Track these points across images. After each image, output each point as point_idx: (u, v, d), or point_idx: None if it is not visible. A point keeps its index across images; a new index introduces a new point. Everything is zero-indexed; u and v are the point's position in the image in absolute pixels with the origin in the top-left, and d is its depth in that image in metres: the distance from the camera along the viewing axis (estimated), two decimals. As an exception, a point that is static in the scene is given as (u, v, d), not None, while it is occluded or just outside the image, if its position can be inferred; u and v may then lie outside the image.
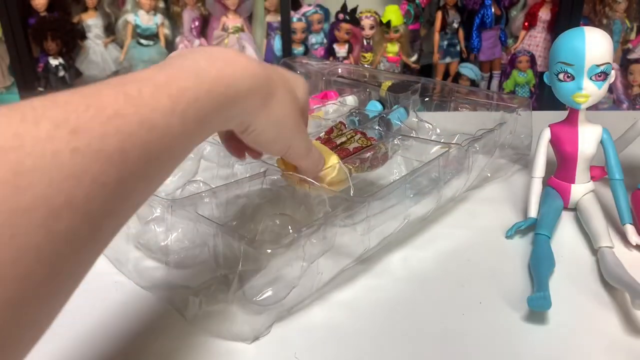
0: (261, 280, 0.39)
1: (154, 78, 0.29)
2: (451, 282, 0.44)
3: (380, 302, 0.42)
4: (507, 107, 0.63)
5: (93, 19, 1.88)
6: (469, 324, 0.40)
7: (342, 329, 0.39)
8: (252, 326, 0.38)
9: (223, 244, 0.38)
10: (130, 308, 0.42)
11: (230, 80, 0.33)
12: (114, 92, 0.27)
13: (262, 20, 1.94)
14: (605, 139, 0.52)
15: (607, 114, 1.34)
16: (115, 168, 0.25)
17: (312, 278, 0.41)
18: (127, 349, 0.38)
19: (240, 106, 0.35)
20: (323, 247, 0.40)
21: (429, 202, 0.51)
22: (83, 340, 0.39)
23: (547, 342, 0.38)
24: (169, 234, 0.43)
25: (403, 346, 0.38)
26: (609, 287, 0.43)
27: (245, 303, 0.39)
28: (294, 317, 0.41)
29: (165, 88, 0.29)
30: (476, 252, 0.49)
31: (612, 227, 0.51)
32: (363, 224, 0.42)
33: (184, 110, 0.30)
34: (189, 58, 0.33)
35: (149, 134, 0.27)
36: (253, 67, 0.35)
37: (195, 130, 0.31)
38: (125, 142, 0.26)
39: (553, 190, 0.54)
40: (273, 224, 0.40)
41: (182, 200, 0.43)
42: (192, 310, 0.40)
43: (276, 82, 0.37)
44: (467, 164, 0.54)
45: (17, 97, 1.85)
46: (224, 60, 0.34)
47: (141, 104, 0.27)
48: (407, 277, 0.45)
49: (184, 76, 0.31)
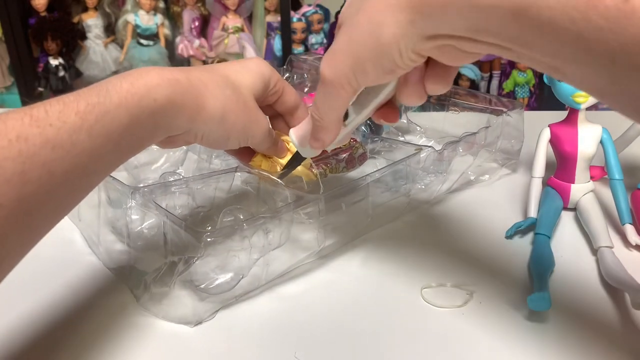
0: (207, 268, 0.40)
1: (64, 98, 0.31)
2: (440, 282, 0.44)
3: (333, 298, 0.43)
4: (496, 111, 0.63)
5: (93, 19, 1.88)
6: (469, 324, 0.40)
7: (286, 321, 0.40)
8: (195, 311, 0.40)
9: (172, 231, 0.39)
10: (90, 285, 0.44)
11: (143, 92, 0.33)
12: (20, 115, 0.28)
13: (262, 20, 1.94)
14: (605, 139, 0.52)
15: (607, 114, 1.33)
16: (14, 190, 0.27)
17: (262, 269, 0.42)
18: (78, 323, 0.40)
19: (163, 115, 0.35)
20: (274, 240, 0.41)
21: (398, 202, 0.52)
22: (38, 312, 0.41)
23: (547, 342, 0.38)
24: (143, 221, 0.45)
25: (344, 344, 0.38)
26: (609, 287, 0.43)
27: (192, 289, 0.41)
28: (239, 306, 0.42)
29: (72, 105, 0.30)
30: (476, 252, 0.49)
31: (612, 227, 0.51)
32: (318, 220, 0.43)
33: (91, 127, 0.30)
34: (103, 80, 0.34)
35: (52, 152, 0.28)
36: (170, 75, 0.35)
37: (108, 145, 0.32)
38: (25, 164, 0.27)
39: (553, 190, 0.54)
40: (232, 217, 0.42)
41: (145, 188, 0.44)
42: (141, 292, 0.41)
43: (205, 84, 0.37)
44: (444, 167, 0.54)
45: (17, 97, 1.84)
46: (137, 74, 0.34)
47: (46, 124, 0.29)
48: (369, 274, 0.46)
49: (93, 93, 0.32)
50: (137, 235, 0.44)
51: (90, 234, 0.49)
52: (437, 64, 0.30)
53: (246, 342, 0.38)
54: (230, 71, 0.41)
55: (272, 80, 0.43)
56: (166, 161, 0.58)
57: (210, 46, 1.91)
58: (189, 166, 0.59)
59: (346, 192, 0.46)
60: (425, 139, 0.70)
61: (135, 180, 0.56)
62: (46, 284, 0.44)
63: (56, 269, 0.45)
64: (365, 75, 0.30)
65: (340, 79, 0.31)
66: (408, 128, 0.72)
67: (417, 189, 0.54)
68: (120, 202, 0.44)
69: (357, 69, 0.30)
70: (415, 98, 0.32)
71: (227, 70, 0.41)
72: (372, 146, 0.60)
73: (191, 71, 0.38)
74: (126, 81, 0.33)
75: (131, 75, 0.34)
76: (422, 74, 0.31)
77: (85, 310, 0.41)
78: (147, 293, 0.41)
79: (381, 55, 0.28)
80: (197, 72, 0.38)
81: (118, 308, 0.41)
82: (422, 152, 0.52)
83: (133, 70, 0.35)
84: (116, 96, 0.32)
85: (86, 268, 0.46)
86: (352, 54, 0.29)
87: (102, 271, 0.46)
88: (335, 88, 0.31)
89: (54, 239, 0.34)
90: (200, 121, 0.37)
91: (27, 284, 0.43)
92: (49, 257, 0.46)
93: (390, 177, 0.51)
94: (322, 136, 0.36)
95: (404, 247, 0.49)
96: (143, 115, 0.33)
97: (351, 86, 0.31)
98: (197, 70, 0.38)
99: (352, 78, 0.30)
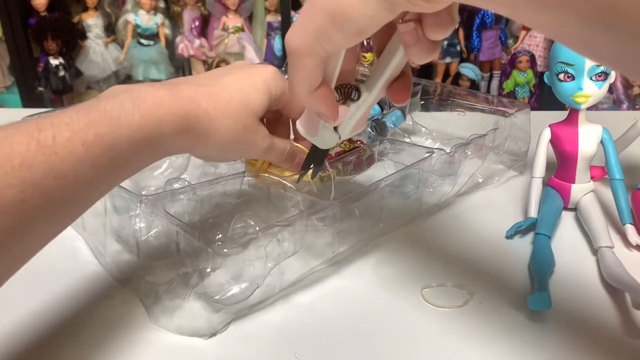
0: (222, 279, 0.39)
1: (74, 123, 0.30)
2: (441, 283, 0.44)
3: (347, 305, 0.42)
4: (503, 112, 0.62)
5: (93, 19, 1.88)
6: (469, 324, 0.40)
7: (300, 329, 0.39)
8: (209, 323, 0.39)
9: (184, 241, 0.38)
10: (97, 297, 0.43)
11: (155, 126, 0.33)
12: (27, 139, 0.28)
13: (262, 20, 1.94)
14: (605, 139, 0.52)
15: (607, 114, 1.34)
16: (11, 217, 0.27)
17: (277, 278, 0.41)
18: (84, 336, 0.39)
19: (166, 146, 0.35)
20: (289, 248, 0.40)
21: (409, 206, 0.51)
22: (43, 325, 0.40)
23: (547, 342, 0.38)
24: (150, 229, 0.44)
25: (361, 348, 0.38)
26: (609, 287, 0.43)
27: (206, 300, 0.40)
28: (253, 316, 0.41)
29: (81, 134, 0.30)
30: (476, 252, 0.49)
31: (612, 227, 0.51)
32: (333, 226, 0.42)
33: (96, 159, 0.30)
34: (117, 100, 0.33)
35: (54, 182, 0.28)
36: (179, 110, 0.35)
37: (108, 176, 0.32)
38: (25, 193, 0.27)
39: (553, 190, 0.54)
40: (243, 224, 0.41)
41: (154, 196, 0.43)
42: (153, 304, 0.40)
43: (210, 118, 0.37)
44: (454, 169, 0.53)
45: (17, 97, 1.85)
46: (150, 102, 0.33)
47: (52, 153, 0.28)
48: (382, 280, 0.45)
49: (105, 122, 0.31)
50: (144, 244, 0.43)
51: (95, 244, 0.48)
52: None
53: (262, 352, 0.37)
54: (235, 90, 0.39)
55: (279, 91, 0.42)
56: (169, 167, 0.57)
57: (210, 46, 1.91)
58: (193, 172, 0.58)
59: (360, 197, 0.45)
60: (431, 141, 0.70)
61: (137, 187, 0.55)
62: (52, 294, 0.42)
63: (61, 280, 0.44)
64: (331, 41, 0.29)
65: (305, 48, 0.29)
66: (413, 129, 0.72)
67: (426, 192, 0.53)
68: (125, 209, 0.44)
69: (320, 36, 0.29)
70: (426, 53, 0.30)
71: (233, 88, 0.39)
72: (378, 148, 0.59)
73: (201, 101, 0.37)
74: (139, 112, 0.33)
75: (144, 104, 0.33)
76: (419, 28, 0.29)
77: (92, 324, 0.40)
78: (159, 305, 0.40)
79: (344, 21, 0.27)
80: (204, 103, 0.37)
81: (127, 321, 0.40)
82: (434, 155, 0.51)
83: (147, 93, 0.34)
84: (126, 128, 0.32)
85: (92, 279, 0.45)
86: (315, 21, 0.28)
87: (108, 282, 0.44)
88: (300, 57, 0.30)
89: (59, 249, 0.34)
90: (197, 150, 0.38)
91: (31, 295, 0.42)
92: (53, 268, 0.45)
93: (402, 181, 0.50)
94: (321, 110, 0.34)
95: (409, 251, 0.49)
96: (148, 147, 0.34)
97: (317, 54, 0.30)
98: (205, 98, 0.37)
99: (317, 45, 0.29)
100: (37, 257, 0.31)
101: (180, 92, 0.36)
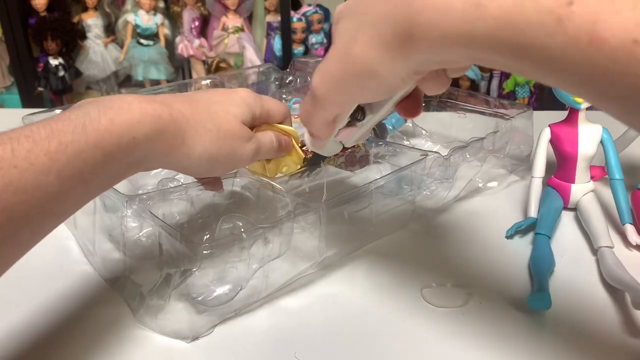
0: (205, 280, 0.39)
1: (35, 134, 0.28)
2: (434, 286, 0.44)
3: (341, 307, 0.42)
4: (503, 115, 0.61)
5: (93, 19, 1.88)
6: (469, 324, 0.40)
7: (286, 336, 0.39)
8: (192, 325, 0.38)
9: (167, 242, 0.38)
10: (85, 296, 0.43)
11: (123, 129, 0.32)
12: None
13: (262, 20, 1.94)
14: (605, 139, 0.52)
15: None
16: None
17: (262, 281, 0.40)
18: (71, 335, 0.39)
19: (141, 151, 0.33)
20: (275, 250, 0.40)
21: (403, 210, 0.51)
22: (31, 323, 0.39)
23: (547, 342, 0.38)
24: (141, 229, 0.44)
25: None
26: (609, 287, 0.43)
27: (189, 301, 0.39)
28: (238, 320, 0.40)
29: (43, 144, 0.28)
30: (476, 252, 0.49)
31: (612, 227, 0.51)
32: (319, 229, 0.42)
33: (61, 169, 0.28)
34: (82, 109, 0.32)
35: (13, 197, 0.27)
36: (152, 111, 0.34)
37: (77, 186, 0.30)
38: None
39: (553, 190, 0.54)
40: (231, 225, 0.41)
41: (140, 197, 0.43)
42: (137, 304, 0.40)
43: (186, 118, 0.36)
44: (450, 173, 0.52)
45: (17, 97, 1.84)
46: (118, 107, 0.32)
47: (10, 166, 0.27)
48: (374, 284, 0.44)
49: (68, 129, 0.29)
50: (134, 243, 0.43)
51: (85, 242, 0.47)
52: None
53: (248, 356, 0.37)
54: (212, 101, 0.39)
55: (257, 109, 0.42)
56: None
57: (210, 46, 1.91)
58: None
59: (349, 199, 0.44)
60: (431, 144, 0.69)
61: (134, 186, 0.55)
62: (40, 294, 0.42)
63: (50, 279, 0.44)
64: (357, 100, 0.30)
65: (331, 99, 0.30)
66: (413, 132, 0.71)
67: (422, 195, 0.52)
68: (116, 208, 0.43)
69: (348, 94, 0.29)
70: (441, 86, 0.30)
71: (210, 100, 0.39)
72: (376, 150, 0.58)
73: (174, 103, 0.36)
74: (106, 117, 0.31)
75: (112, 109, 0.32)
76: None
77: (78, 323, 0.40)
78: (143, 306, 0.40)
79: (373, 87, 0.28)
80: (179, 104, 0.36)
81: (113, 321, 0.40)
82: (428, 158, 0.51)
83: (114, 100, 0.33)
84: (93, 134, 0.30)
85: (81, 278, 0.45)
86: (344, 81, 0.28)
87: (97, 281, 0.44)
88: (325, 103, 0.31)
89: (49, 247, 0.33)
90: (178, 156, 0.36)
91: (20, 293, 0.42)
92: (43, 267, 0.45)
93: (395, 184, 0.49)
94: (322, 138, 0.36)
95: (407, 251, 0.49)
96: (119, 153, 0.32)
97: (341, 106, 0.31)
98: (179, 102, 0.37)
99: (343, 99, 0.30)
100: (27, 256, 0.30)
101: (153, 98, 0.35)
